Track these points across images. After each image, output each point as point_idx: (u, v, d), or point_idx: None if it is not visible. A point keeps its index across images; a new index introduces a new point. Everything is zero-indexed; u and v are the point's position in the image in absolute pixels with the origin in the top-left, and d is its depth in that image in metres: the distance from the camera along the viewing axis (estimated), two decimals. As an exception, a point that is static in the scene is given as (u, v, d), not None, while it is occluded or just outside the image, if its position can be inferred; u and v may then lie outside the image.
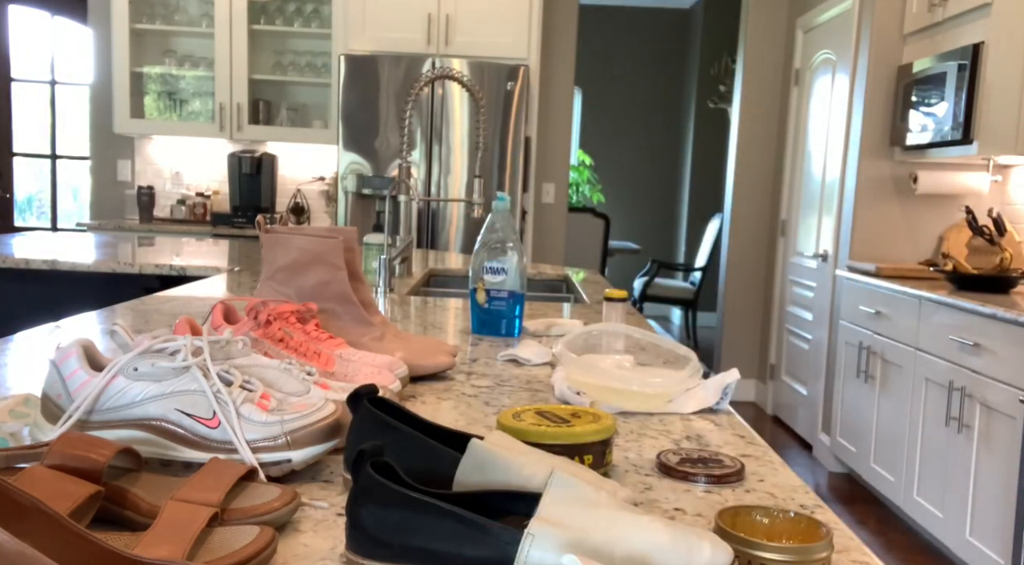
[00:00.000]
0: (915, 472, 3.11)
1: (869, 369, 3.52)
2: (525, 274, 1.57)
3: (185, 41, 4.81)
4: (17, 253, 2.57)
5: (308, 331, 1.04)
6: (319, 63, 4.80)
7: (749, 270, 5.17)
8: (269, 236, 1.22)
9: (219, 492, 0.65)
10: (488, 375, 1.26)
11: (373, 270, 2.21)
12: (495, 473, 0.65)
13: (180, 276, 2.49)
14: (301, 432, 0.76)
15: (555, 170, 4.97)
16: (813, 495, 0.80)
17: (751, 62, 5.03)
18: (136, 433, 0.76)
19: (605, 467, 0.82)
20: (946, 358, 2.90)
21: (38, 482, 0.59)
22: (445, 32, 4.28)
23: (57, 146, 6.82)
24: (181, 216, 4.80)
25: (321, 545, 0.65)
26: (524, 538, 0.53)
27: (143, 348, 0.77)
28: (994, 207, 3.41)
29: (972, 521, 2.72)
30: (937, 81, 3.32)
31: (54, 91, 6.77)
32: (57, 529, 0.45)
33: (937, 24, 3.42)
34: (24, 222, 6.83)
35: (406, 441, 0.69)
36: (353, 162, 4.23)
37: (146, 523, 0.65)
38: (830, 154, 4.21)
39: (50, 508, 0.45)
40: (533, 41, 4.29)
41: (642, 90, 8.25)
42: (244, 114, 4.64)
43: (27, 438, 0.79)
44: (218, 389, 0.76)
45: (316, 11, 4.72)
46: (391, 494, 0.57)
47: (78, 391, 0.76)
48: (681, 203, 8.13)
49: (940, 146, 3.34)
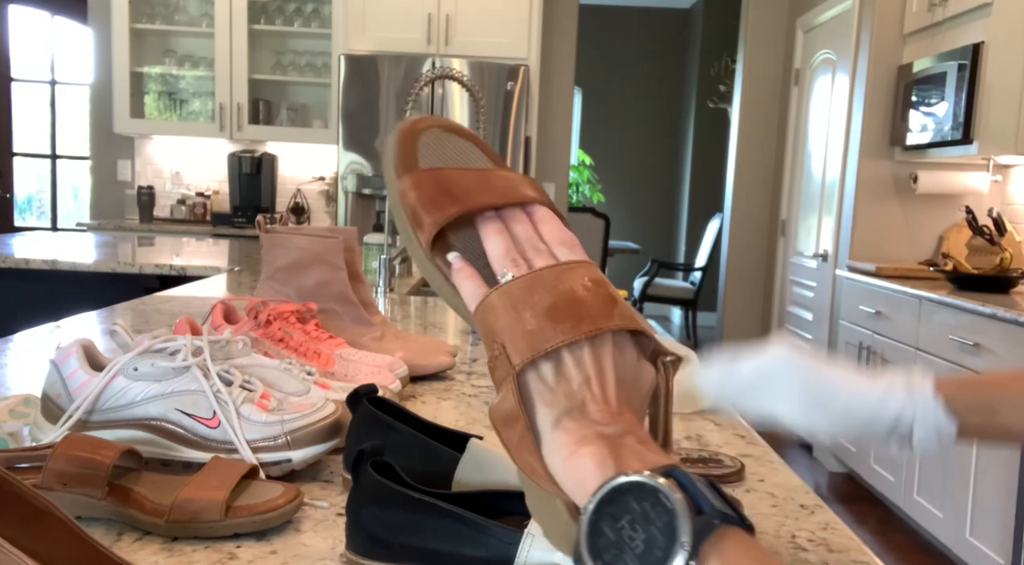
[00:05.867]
0: (915, 472, 3.11)
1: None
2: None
3: (185, 41, 4.81)
4: (17, 253, 2.57)
5: (308, 331, 1.04)
6: (319, 63, 4.80)
7: (749, 270, 5.17)
8: (269, 236, 1.22)
9: (224, 490, 0.65)
10: (488, 375, 1.26)
11: (373, 270, 2.21)
12: (495, 473, 0.65)
13: (180, 276, 2.49)
14: (301, 432, 0.76)
15: (555, 170, 4.97)
16: (813, 495, 0.80)
17: (751, 62, 5.03)
18: (136, 433, 0.76)
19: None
20: (946, 358, 2.90)
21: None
22: (445, 32, 4.28)
23: (57, 146, 6.82)
24: (181, 216, 4.80)
25: (321, 545, 0.65)
26: (524, 538, 0.53)
27: (143, 348, 0.77)
28: (994, 207, 3.41)
29: (972, 521, 2.72)
30: (937, 81, 3.32)
31: (54, 91, 6.77)
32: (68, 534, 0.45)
33: (937, 24, 3.42)
34: (24, 222, 6.83)
35: (406, 441, 0.69)
36: (353, 162, 4.23)
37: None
38: (830, 154, 4.21)
39: (63, 512, 0.45)
40: (533, 41, 4.29)
41: (642, 90, 8.25)
42: (244, 114, 4.64)
43: (27, 438, 0.79)
44: (218, 389, 0.76)
45: (316, 11, 4.72)
46: (391, 494, 0.57)
47: (78, 391, 0.76)
48: (681, 203, 8.13)
49: (940, 146, 3.34)
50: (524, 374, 0.42)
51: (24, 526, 0.44)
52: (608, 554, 0.36)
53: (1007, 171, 3.62)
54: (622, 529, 0.35)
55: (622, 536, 0.35)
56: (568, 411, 0.41)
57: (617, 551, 0.35)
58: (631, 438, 0.40)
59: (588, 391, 0.41)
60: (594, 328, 0.42)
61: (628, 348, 0.44)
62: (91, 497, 0.64)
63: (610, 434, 0.40)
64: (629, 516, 0.35)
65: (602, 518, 0.36)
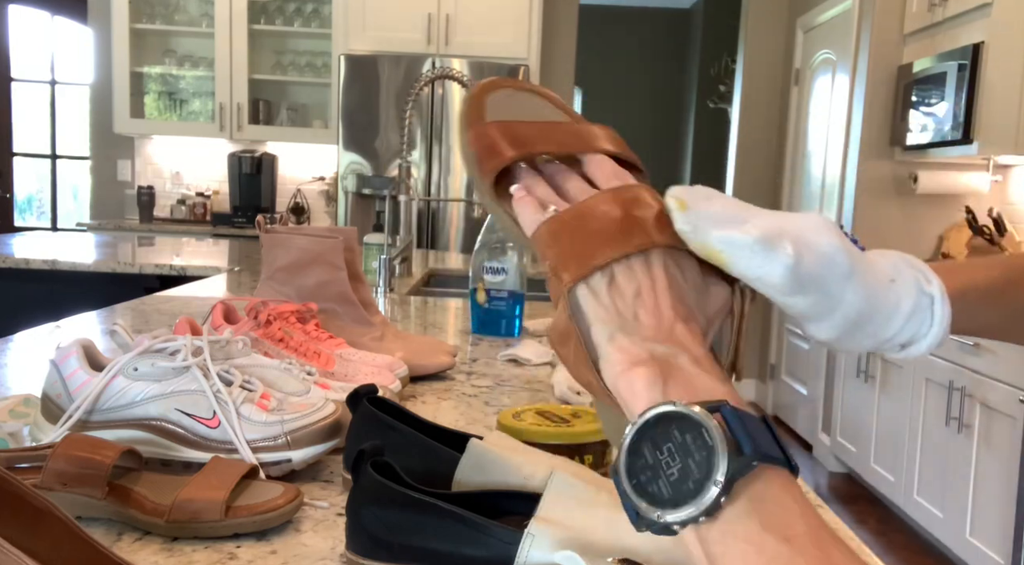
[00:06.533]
0: (915, 472, 3.11)
1: (869, 369, 3.52)
2: (525, 274, 1.57)
3: (185, 41, 4.81)
4: (17, 253, 2.57)
5: (308, 331, 1.04)
6: (319, 63, 4.80)
7: (749, 270, 5.16)
8: (269, 236, 1.22)
9: (224, 490, 0.65)
10: (488, 375, 1.26)
11: (373, 270, 2.21)
12: (495, 473, 0.65)
13: (180, 276, 2.49)
14: (301, 432, 0.76)
15: (555, 170, 4.97)
16: (813, 495, 0.80)
17: (751, 62, 5.03)
18: (136, 433, 0.76)
19: (605, 467, 0.82)
20: (946, 358, 2.90)
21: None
22: (445, 32, 4.28)
23: (57, 146, 6.82)
24: (181, 216, 4.80)
25: (321, 545, 0.65)
26: (524, 538, 0.53)
27: (143, 348, 0.77)
28: (994, 207, 3.41)
29: (972, 521, 2.72)
30: (937, 81, 3.32)
31: (54, 91, 6.77)
32: (68, 534, 0.45)
33: (937, 24, 3.42)
34: (24, 222, 6.83)
35: (406, 441, 0.69)
36: (353, 162, 4.23)
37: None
38: (830, 154, 4.21)
39: (63, 512, 0.45)
40: (533, 41, 4.29)
41: (642, 90, 8.25)
42: (244, 114, 4.64)
43: (27, 438, 0.79)
44: (218, 389, 0.76)
45: (316, 11, 4.72)
46: (391, 494, 0.57)
47: (78, 391, 0.76)
48: (681, 203, 8.12)
49: (940, 146, 3.34)
50: (575, 290, 0.43)
51: (24, 526, 0.44)
52: (643, 475, 0.36)
53: (1007, 171, 3.62)
54: (661, 455, 0.36)
55: (659, 461, 0.36)
56: (621, 326, 0.42)
57: (652, 474, 0.36)
58: (685, 357, 0.40)
59: (641, 305, 0.42)
60: (645, 242, 0.43)
61: (689, 265, 0.44)
62: (91, 497, 0.64)
63: (662, 353, 0.40)
64: (670, 444, 0.36)
65: (643, 440, 0.37)
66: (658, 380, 0.39)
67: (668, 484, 0.36)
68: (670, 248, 0.43)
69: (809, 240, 0.45)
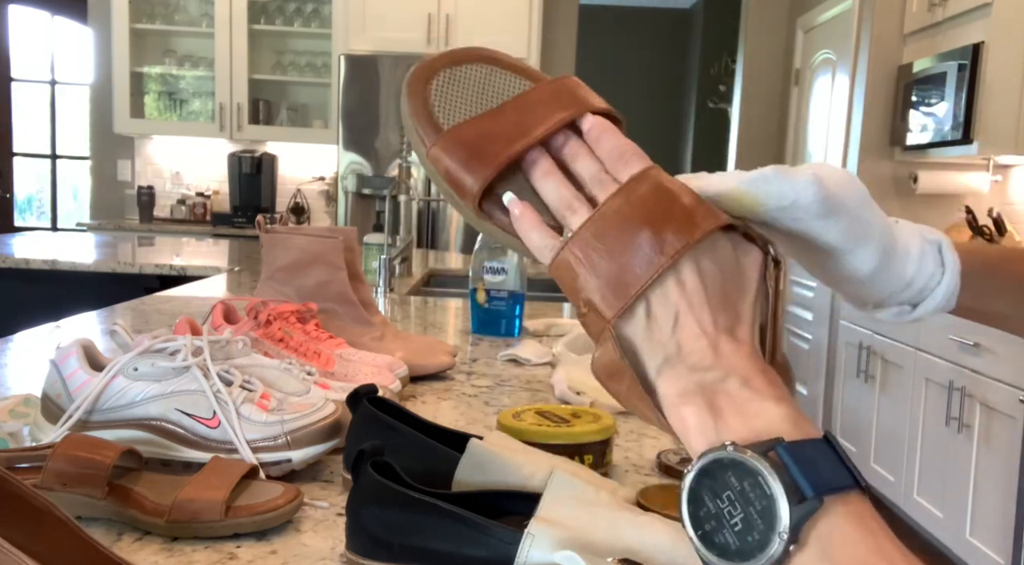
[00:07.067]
0: (915, 472, 3.11)
1: (869, 369, 3.52)
2: (525, 274, 1.57)
3: (185, 41, 4.81)
4: (17, 253, 2.57)
5: (308, 331, 1.04)
6: (319, 63, 4.80)
7: (749, 270, 5.16)
8: (269, 236, 1.22)
9: (224, 490, 0.65)
10: (488, 375, 1.26)
11: (373, 270, 2.21)
12: (495, 473, 0.65)
13: (180, 276, 2.49)
14: (301, 432, 0.76)
15: (555, 170, 4.97)
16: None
17: (751, 62, 5.03)
18: (136, 433, 0.76)
19: (605, 467, 0.82)
20: (946, 358, 2.90)
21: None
22: (445, 32, 4.28)
23: (57, 146, 6.82)
24: (181, 216, 4.80)
25: (321, 545, 0.65)
26: (524, 538, 0.53)
27: (143, 348, 0.77)
28: (994, 207, 3.41)
29: (972, 521, 2.72)
30: (937, 81, 3.32)
31: (54, 91, 6.77)
32: (68, 534, 0.45)
33: (937, 24, 3.42)
34: (24, 222, 6.83)
35: (406, 441, 0.69)
36: (353, 162, 4.23)
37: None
38: (830, 154, 4.21)
39: (63, 512, 0.45)
40: (533, 41, 4.29)
41: (642, 90, 8.25)
42: (244, 114, 4.64)
43: (27, 438, 0.79)
44: (218, 389, 0.76)
45: (316, 11, 4.72)
46: (391, 494, 0.57)
47: (78, 391, 0.76)
48: (681, 203, 8.13)
49: (940, 146, 3.34)
50: (619, 324, 0.40)
51: (24, 526, 0.44)
52: (707, 525, 0.35)
53: (1007, 171, 3.62)
54: (722, 503, 0.35)
55: (722, 510, 0.35)
56: (666, 358, 0.39)
57: (716, 524, 0.35)
58: (734, 381, 0.38)
59: (681, 330, 0.39)
60: (677, 247, 0.39)
61: (721, 246, 0.41)
62: (91, 497, 0.64)
63: (711, 381, 0.38)
64: (728, 492, 0.35)
65: (702, 488, 0.35)
66: (708, 418, 0.37)
67: (733, 534, 0.34)
68: (700, 242, 0.40)
69: (821, 169, 0.45)
